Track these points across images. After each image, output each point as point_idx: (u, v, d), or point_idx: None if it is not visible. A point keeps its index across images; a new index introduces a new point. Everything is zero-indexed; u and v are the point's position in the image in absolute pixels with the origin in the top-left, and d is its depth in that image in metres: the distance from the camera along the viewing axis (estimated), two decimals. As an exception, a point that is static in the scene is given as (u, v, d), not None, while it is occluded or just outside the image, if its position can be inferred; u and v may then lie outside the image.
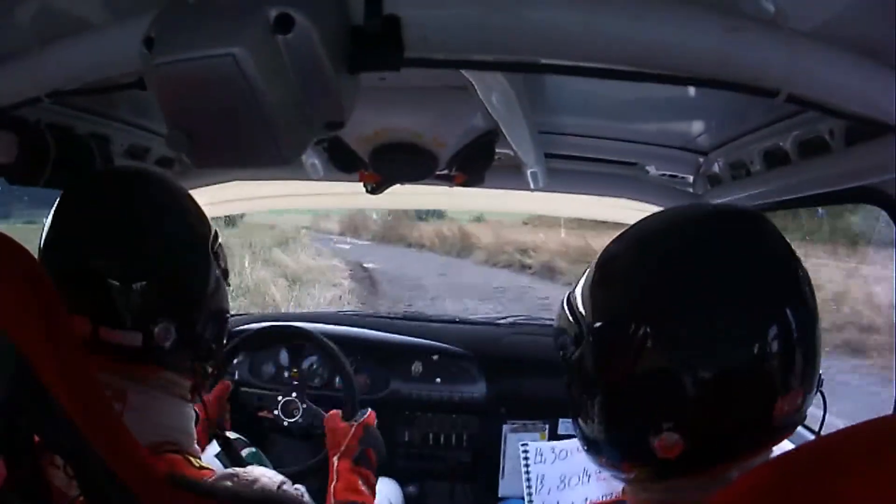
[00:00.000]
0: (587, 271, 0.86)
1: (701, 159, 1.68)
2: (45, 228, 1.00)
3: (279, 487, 0.94)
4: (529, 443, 1.69)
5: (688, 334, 0.75)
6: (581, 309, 0.83)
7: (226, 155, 0.81)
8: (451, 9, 0.75)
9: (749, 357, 0.73)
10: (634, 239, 0.84)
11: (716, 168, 1.62)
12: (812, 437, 1.10)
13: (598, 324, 0.80)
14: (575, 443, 1.61)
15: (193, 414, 1.06)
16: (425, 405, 2.22)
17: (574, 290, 0.87)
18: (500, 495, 2.11)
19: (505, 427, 2.15)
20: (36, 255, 0.87)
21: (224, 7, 0.67)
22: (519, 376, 2.19)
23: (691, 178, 1.75)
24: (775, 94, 0.80)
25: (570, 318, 0.84)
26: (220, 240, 1.11)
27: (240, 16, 0.66)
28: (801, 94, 0.81)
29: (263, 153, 0.76)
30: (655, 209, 1.77)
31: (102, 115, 1.40)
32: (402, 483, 2.17)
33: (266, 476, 0.94)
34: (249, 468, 0.96)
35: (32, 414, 0.75)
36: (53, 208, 1.02)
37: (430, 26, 0.75)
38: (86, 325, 0.93)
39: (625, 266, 0.83)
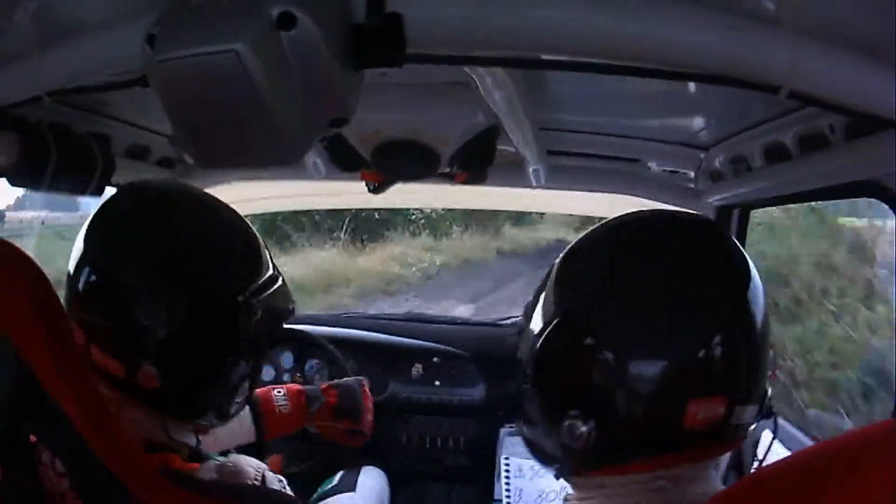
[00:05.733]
0: None
1: (702, 155, 1.68)
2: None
3: (263, 475, 0.94)
4: (511, 458, 1.74)
5: (606, 322, 0.75)
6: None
7: (230, 154, 0.81)
8: (453, 5, 0.76)
9: (665, 354, 0.72)
10: (583, 241, 0.85)
11: (717, 163, 1.62)
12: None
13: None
14: None
15: (195, 440, 0.99)
16: (424, 408, 2.23)
17: None
18: (495, 497, 2.12)
19: (502, 431, 2.15)
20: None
21: (226, 4, 0.67)
22: None
23: (692, 174, 1.75)
24: (777, 91, 0.80)
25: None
26: (272, 289, 0.94)
27: (242, 13, 0.66)
28: (802, 90, 0.81)
29: (268, 152, 0.76)
30: (657, 205, 1.79)
31: (103, 114, 1.40)
32: (399, 484, 2.17)
33: (248, 465, 0.94)
34: (232, 457, 0.95)
35: (31, 415, 0.75)
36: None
37: (432, 22, 0.75)
38: (81, 338, 0.86)
39: (564, 265, 0.83)
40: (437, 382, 2.24)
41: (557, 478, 0.85)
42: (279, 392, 1.45)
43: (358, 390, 1.53)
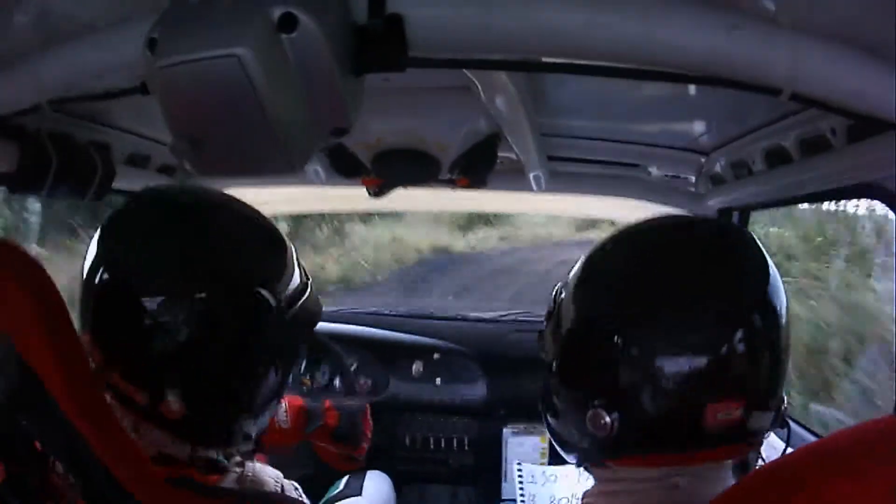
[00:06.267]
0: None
1: (703, 159, 1.68)
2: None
3: (282, 485, 0.95)
4: (524, 465, 1.79)
5: (632, 323, 0.77)
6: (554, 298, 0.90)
7: (231, 163, 0.79)
8: (455, 8, 0.76)
9: (688, 355, 0.74)
10: (606, 243, 0.88)
11: (718, 168, 1.62)
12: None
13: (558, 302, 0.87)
14: (564, 468, 1.77)
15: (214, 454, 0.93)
16: (425, 407, 2.22)
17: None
18: (503, 497, 2.11)
19: (505, 430, 2.14)
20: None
21: (227, 8, 0.67)
22: (520, 376, 2.16)
23: (693, 178, 1.75)
24: (778, 93, 0.80)
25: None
26: (301, 293, 0.90)
27: (243, 16, 0.66)
28: (803, 91, 0.81)
29: (269, 161, 0.75)
30: (658, 210, 1.79)
31: (103, 122, 1.40)
32: (403, 485, 2.16)
33: (267, 475, 0.95)
34: (249, 466, 0.95)
35: (33, 416, 0.75)
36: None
37: (433, 25, 0.75)
38: (99, 359, 0.82)
39: (590, 264, 0.86)
40: (437, 381, 2.23)
41: (578, 466, 0.89)
42: (280, 405, 1.43)
43: (360, 416, 1.50)
